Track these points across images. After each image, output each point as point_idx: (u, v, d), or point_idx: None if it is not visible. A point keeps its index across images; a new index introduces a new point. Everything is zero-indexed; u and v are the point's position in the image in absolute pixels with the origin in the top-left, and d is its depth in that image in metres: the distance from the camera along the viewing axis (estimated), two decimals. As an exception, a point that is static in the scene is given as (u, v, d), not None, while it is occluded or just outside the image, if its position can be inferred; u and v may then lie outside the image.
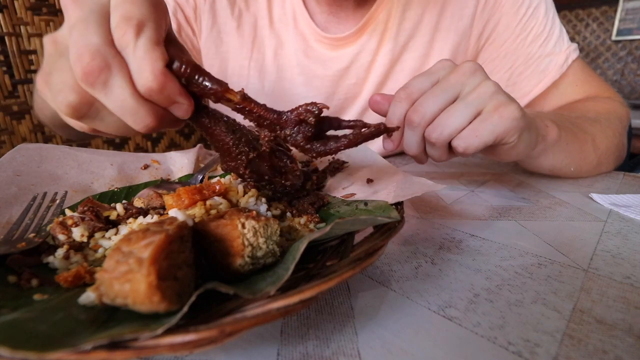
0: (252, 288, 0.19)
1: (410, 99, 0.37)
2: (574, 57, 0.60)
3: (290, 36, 0.65)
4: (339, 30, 0.64)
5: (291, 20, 0.64)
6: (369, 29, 0.63)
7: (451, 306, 0.25)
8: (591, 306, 0.25)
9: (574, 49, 0.60)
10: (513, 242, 0.35)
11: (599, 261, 0.31)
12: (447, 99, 0.36)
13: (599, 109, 0.57)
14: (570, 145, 0.48)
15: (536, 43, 0.60)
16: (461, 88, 0.36)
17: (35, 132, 1.24)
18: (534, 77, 0.61)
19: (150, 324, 0.17)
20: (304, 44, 0.65)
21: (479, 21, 0.63)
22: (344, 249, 0.24)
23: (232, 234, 0.21)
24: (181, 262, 0.19)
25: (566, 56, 0.59)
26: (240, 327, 0.16)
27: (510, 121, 0.35)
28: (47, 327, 0.18)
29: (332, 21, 0.64)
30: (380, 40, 0.63)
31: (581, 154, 0.50)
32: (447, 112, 0.35)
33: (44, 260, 0.27)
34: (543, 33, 0.60)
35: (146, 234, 0.18)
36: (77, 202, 0.37)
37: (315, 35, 0.64)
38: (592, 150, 0.51)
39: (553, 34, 0.60)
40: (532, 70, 0.61)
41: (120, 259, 0.18)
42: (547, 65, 0.60)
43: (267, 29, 0.66)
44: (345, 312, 0.25)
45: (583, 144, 0.50)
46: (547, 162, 0.49)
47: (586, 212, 0.42)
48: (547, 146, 0.45)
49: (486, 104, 0.35)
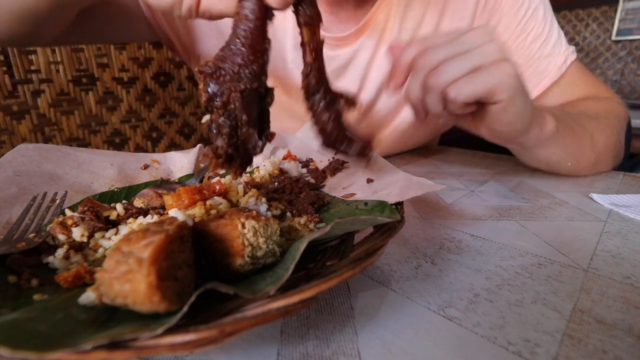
0: (252, 288, 0.19)
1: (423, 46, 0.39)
2: (572, 59, 0.60)
3: (289, 32, 0.64)
4: (339, 30, 0.63)
5: (290, 20, 0.64)
6: (369, 29, 0.63)
7: (451, 306, 0.25)
8: (591, 306, 0.25)
9: (572, 51, 0.61)
10: (513, 242, 0.35)
11: (599, 261, 0.31)
12: (453, 51, 0.37)
13: (598, 108, 0.57)
14: (567, 139, 0.48)
15: (536, 44, 0.61)
16: (469, 46, 0.37)
17: (35, 132, 1.24)
18: (533, 77, 0.61)
19: (150, 324, 0.17)
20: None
21: (479, 21, 0.63)
22: (344, 249, 0.24)
23: (232, 234, 0.21)
24: (181, 262, 0.19)
25: (565, 58, 0.60)
26: (240, 327, 0.16)
27: (505, 75, 0.37)
28: (47, 327, 0.18)
29: (333, 21, 0.63)
30: (379, 40, 0.63)
31: (579, 150, 0.51)
32: (448, 61, 0.37)
33: (44, 260, 0.27)
34: (542, 34, 0.60)
35: (146, 233, 0.18)
36: (77, 202, 0.37)
37: None
38: (590, 147, 0.51)
39: (552, 35, 0.60)
40: (532, 71, 0.61)
41: (120, 259, 0.18)
42: (547, 66, 0.60)
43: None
44: (345, 312, 0.25)
45: (581, 140, 0.50)
46: (543, 154, 0.49)
47: (586, 212, 0.42)
48: (543, 135, 0.45)
49: (487, 63, 0.37)
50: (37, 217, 0.32)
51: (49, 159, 0.41)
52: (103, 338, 0.16)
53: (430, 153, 0.74)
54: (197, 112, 1.57)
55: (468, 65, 0.37)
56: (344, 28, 0.63)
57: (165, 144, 1.54)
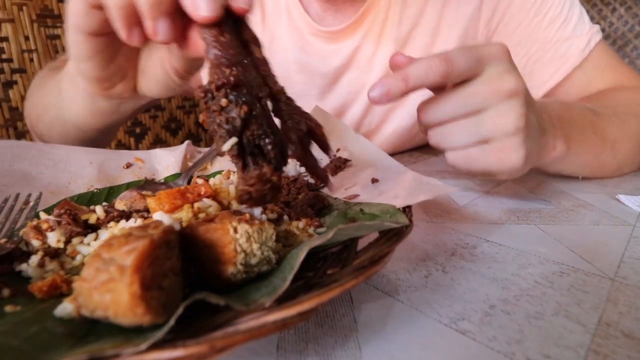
0: (245, 299, 0.19)
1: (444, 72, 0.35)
2: (597, 40, 0.59)
3: (284, 31, 0.65)
4: (337, 21, 0.64)
5: (285, 14, 0.65)
6: (368, 18, 0.63)
7: (464, 319, 0.25)
8: (618, 319, 0.25)
9: (596, 30, 0.59)
10: (532, 249, 0.35)
11: (627, 269, 0.31)
12: (464, 111, 0.36)
13: (627, 101, 0.57)
14: (582, 156, 0.48)
15: (553, 26, 0.60)
16: (485, 106, 0.36)
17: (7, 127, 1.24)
18: (552, 63, 0.60)
19: (133, 338, 0.17)
20: (300, 39, 0.65)
21: (487, 4, 0.63)
22: (347, 256, 0.24)
23: (223, 240, 0.21)
24: (167, 269, 0.19)
25: (588, 39, 0.59)
26: (233, 342, 0.16)
27: (507, 168, 0.37)
28: (20, 342, 0.18)
29: (329, 9, 0.64)
30: (381, 30, 0.64)
31: (595, 162, 0.51)
32: (455, 125, 0.37)
33: (17, 269, 0.27)
34: (561, 15, 0.60)
35: (129, 239, 0.18)
36: (53, 205, 0.37)
37: (310, 28, 0.64)
38: (610, 158, 0.52)
39: (573, 15, 0.60)
40: (550, 56, 0.60)
41: (100, 266, 0.18)
42: (567, 50, 0.59)
43: (260, 24, 0.66)
44: (348, 325, 0.25)
45: (600, 154, 0.50)
46: (552, 169, 0.50)
47: (613, 215, 0.42)
48: (550, 162, 0.45)
49: (496, 139, 0.36)
50: (8, 220, 0.32)
51: (22, 157, 0.41)
52: (82, 354, 0.16)
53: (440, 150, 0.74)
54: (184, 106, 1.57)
55: (474, 139, 0.37)
56: (342, 18, 0.64)
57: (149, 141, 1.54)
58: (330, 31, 0.63)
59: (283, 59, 0.67)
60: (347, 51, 0.65)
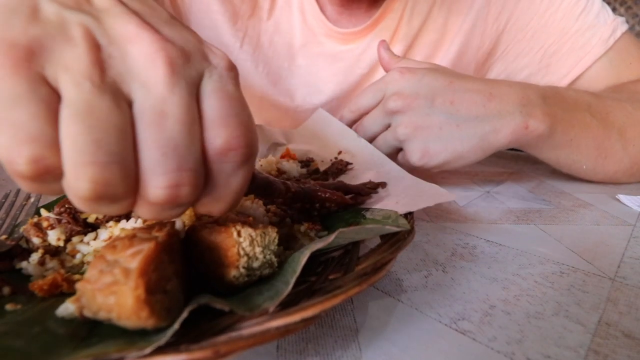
0: (248, 303, 0.19)
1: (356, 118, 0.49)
2: (623, 30, 0.56)
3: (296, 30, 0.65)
4: (350, 24, 0.64)
5: (298, 14, 0.64)
6: (379, 25, 0.64)
7: (464, 319, 0.25)
8: (618, 319, 0.25)
9: (622, 21, 0.56)
10: (532, 249, 0.35)
11: (627, 269, 0.31)
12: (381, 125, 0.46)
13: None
14: (577, 141, 0.46)
15: (571, 16, 0.57)
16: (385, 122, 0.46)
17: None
18: (571, 55, 0.57)
19: (137, 341, 0.17)
20: (313, 39, 0.65)
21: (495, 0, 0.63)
22: (349, 261, 0.24)
23: (227, 242, 0.21)
24: (171, 273, 0.19)
25: (613, 29, 0.55)
26: (236, 347, 0.17)
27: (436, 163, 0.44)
28: (24, 343, 0.18)
29: (344, 13, 0.64)
30: (397, 28, 0.64)
31: (598, 149, 0.48)
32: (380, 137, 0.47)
33: (17, 266, 0.27)
34: (579, 4, 0.57)
35: (133, 241, 0.18)
36: (54, 201, 0.37)
37: (325, 29, 0.64)
38: (619, 147, 0.48)
39: (593, 5, 0.57)
40: (568, 48, 0.57)
41: (104, 268, 0.18)
42: (589, 40, 0.56)
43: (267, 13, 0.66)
44: (348, 325, 0.25)
45: (603, 140, 0.47)
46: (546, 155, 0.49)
47: (613, 215, 0.42)
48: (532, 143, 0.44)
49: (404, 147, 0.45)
50: (9, 216, 0.32)
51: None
52: (86, 357, 0.16)
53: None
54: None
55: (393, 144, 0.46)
56: (357, 22, 0.64)
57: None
58: (346, 32, 0.63)
59: (287, 54, 0.67)
60: (357, 51, 0.65)
